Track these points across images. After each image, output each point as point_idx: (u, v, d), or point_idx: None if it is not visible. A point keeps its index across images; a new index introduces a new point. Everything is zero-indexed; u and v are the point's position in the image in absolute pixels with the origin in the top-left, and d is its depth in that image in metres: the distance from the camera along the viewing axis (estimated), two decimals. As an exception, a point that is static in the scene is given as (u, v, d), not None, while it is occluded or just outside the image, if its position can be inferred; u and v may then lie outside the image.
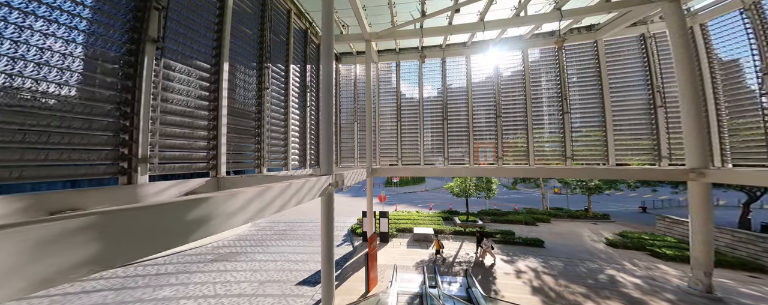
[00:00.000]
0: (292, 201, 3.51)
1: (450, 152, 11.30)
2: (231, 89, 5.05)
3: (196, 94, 4.18)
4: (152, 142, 3.30)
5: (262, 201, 2.79)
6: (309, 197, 4.09)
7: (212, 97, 4.56)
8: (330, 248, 5.15)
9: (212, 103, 4.56)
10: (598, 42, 9.86)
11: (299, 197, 3.71)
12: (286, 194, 3.31)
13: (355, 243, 12.76)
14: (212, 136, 4.54)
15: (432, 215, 16.28)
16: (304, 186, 3.87)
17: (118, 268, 8.90)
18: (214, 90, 4.63)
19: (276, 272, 9.33)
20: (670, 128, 9.12)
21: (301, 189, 3.78)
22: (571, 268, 9.09)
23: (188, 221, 1.69)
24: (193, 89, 4.11)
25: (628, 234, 12.15)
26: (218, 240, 12.77)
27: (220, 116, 4.65)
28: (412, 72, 12.31)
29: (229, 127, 4.97)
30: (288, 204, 3.40)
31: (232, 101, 5.16)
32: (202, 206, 1.78)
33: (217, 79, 4.67)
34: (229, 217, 2.03)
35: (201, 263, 9.80)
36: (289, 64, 7.63)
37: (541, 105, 10.72)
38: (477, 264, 9.36)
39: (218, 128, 4.61)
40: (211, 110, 4.55)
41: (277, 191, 2.95)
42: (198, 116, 4.23)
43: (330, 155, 5.36)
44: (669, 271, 8.48)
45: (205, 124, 4.40)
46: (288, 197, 3.37)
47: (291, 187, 3.46)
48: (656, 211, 19.02)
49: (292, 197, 3.48)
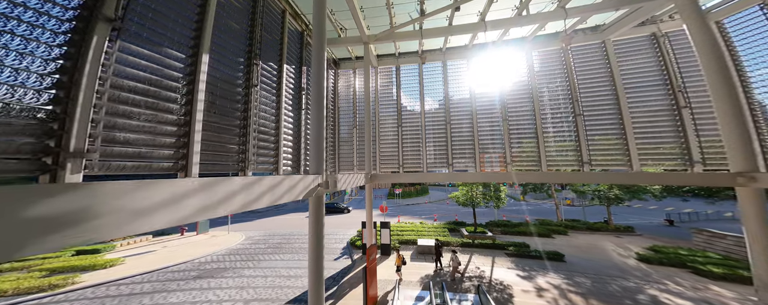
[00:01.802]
0: (265, 199, 2.85)
1: (454, 157, 10.59)
2: (211, 84, 4.60)
3: (165, 84, 3.69)
4: (93, 134, 2.76)
5: (213, 194, 2.16)
6: (290, 196, 3.43)
7: (186, 90, 4.07)
8: (318, 260, 4.39)
9: (185, 96, 4.05)
10: (606, 42, 9.40)
11: (276, 195, 3.06)
12: (254, 191, 2.66)
13: (354, 256, 11.77)
14: (183, 132, 3.97)
15: (437, 227, 15.18)
16: (283, 183, 3.24)
17: (87, 288, 8.18)
18: (189, 82, 4.16)
19: (265, 289, 8.43)
20: (699, 130, 8.31)
21: (279, 186, 3.14)
22: (601, 286, 7.89)
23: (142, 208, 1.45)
24: (161, 79, 3.64)
25: (661, 249, 10.80)
26: (207, 254, 11.94)
27: (195, 110, 4.12)
28: (412, 76, 11.99)
29: (206, 124, 4.42)
30: (259, 201, 2.75)
31: (212, 96, 4.68)
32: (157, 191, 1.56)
33: (194, 71, 4.20)
34: (190, 207, 1.81)
35: (182, 280, 8.95)
36: (282, 64, 7.30)
37: (550, 108, 10.07)
38: (451, 280, 8.35)
39: (191, 123, 4.05)
40: (184, 104, 4.02)
41: (237, 185, 2.32)
42: (164, 108, 3.69)
43: (320, 153, 4.77)
44: (723, 293, 7.21)
45: (174, 119, 3.84)
46: (258, 194, 2.73)
47: (263, 182, 2.83)
48: (683, 225, 17.36)
49: (265, 194, 2.85)
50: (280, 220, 21.41)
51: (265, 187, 2.85)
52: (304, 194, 3.91)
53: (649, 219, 19.31)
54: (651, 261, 9.74)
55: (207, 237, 15.23)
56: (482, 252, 11.47)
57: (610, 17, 8.86)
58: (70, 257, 10.75)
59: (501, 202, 13.91)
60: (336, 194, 36.52)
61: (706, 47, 6.78)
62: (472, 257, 10.95)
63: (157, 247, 12.90)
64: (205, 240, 14.68)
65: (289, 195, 3.38)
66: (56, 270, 9.14)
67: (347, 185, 6.56)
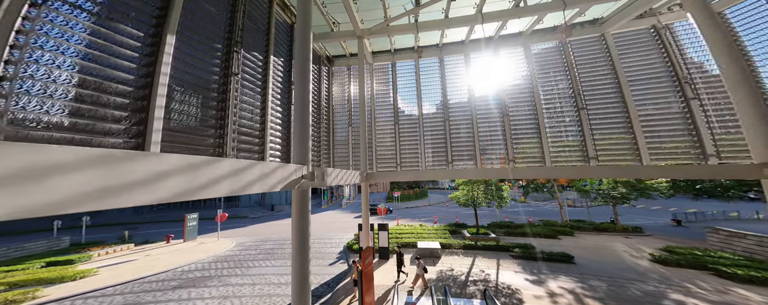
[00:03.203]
0: (223, 186, 2.20)
1: (454, 155, 10.17)
2: (176, 67, 4.19)
3: (113, 51, 3.24)
4: (0, 92, 2.22)
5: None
6: (262, 186, 2.83)
7: (144, 64, 3.64)
8: (303, 262, 3.79)
9: (143, 69, 3.61)
10: (605, 36, 9.25)
11: (240, 183, 2.46)
12: (204, 174, 2.03)
13: (350, 260, 11.03)
14: (140, 107, 3.49)
15: (437, 229, 14.49)
16: (251, 169, 2.62)
17: (49, 304, 7.33)
18: (149, 64, 3.76)
19: (251, 298, 7.67)
20: (710, 122, 8.02)
21: (245, 172, 2.54)
22: (619, 290, 7.24)
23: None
24: (110, 44, 3.20)
25: (676, 250, 10.19)
26: (191, 262, 11.08)
27: (157, 84, 3.67)
28: (409, 73, 11.71)
29: (174, 107, 4.02)
30: (216, 188, 2.14)
31: (179, 82, 4.26)
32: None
33: (156, 51, 3.84)
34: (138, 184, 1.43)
35: (160, 291, 8.12)
36: (269, 56, 6.95)
37: (552, 102, 9.82)
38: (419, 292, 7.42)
39: (151, 98, 3.59)
40: (143, 76, 3.58)
41: (172, 165, 1.73)
42: (115, 78, 3.26)
43: (305, 141, 4.25)
44: (753, 297, 6.59)
45: (130, 91, 3.39)
46: (209, 179, 2.10)
47: (221, 164, 2.23)
48: (690, 225, 16.80)
49: (223, 179, 2.24)
50: (274, 226, 20.54)
51: (225, 171, 2.23)
52: (283, 185, 3.32)
53: (654, 220, 18.75)
54: (668, 262, 9.12)
55: (195, 244, 14.36)
56: (486, 255, 10.80)
57: (609, 10, 8.72)
58: (38, 269, 9.83)
59: (503, 202, 13.31)
60: (333, 198, 35.64)
61: (716, 37, 6.60)
62: (475, 259, 10.27)
63: (138, 256, 12.00)
64: (191, 247, 13.81)
65: (261, 185, 2.77)
66: (19, 284, 8.25)
67: (339, 181, 5.99)
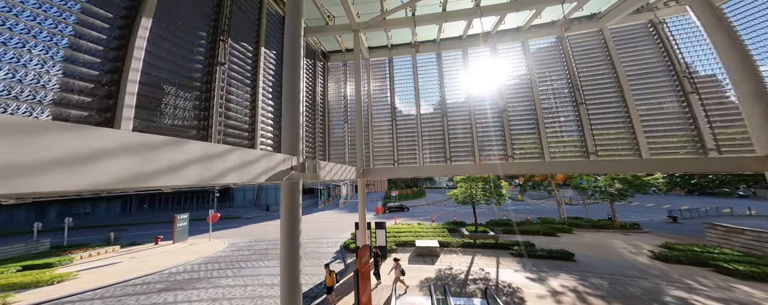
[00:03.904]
0: (190, 172, 1.84)
1: (452, 151, 9.99)
2: (153, 52, 3.97)
3: (82, 22, 2.96)
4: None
5: None
6: (243, 176, 2.50)
7: (113, 46, 3.40)
8: (292, 264, 3.49)
9: (112, 52, 3.39)
10: (603, 31, 9.20)
11: (214, 170, 2.10)
12: (164, 157, 1.68)
13: (347, 260, 10.74)
14: (109, 80, 3.20)
15: (436, 227, 14.26)
16: (229, 155, 2.26)
17: None
18: (120, 47, 3.52)
19: (242, 300, 7.30)
20: (709, 116, 8.04)
21: (221, 158, 2.20)
22: (621, 288, 7.09)
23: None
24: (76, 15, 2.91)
25: (675, 246, 10.13)
26: (180, 264, 10.59)
27: (130, 57, 3.42)
28: (406, 68, 11.53)
29: (151, 87, 3.76)
30: (180, 175, 1.80)
31: (156, 68, 3.97)
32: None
33: (129, 34, 3.62)
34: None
35: (144, 294, 7.67)
36: (260, 48, 6.70)
37: (551, 97, 9.74)
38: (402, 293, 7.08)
39: (123, 73, 3.32)
40: (114, 48, 3.32)
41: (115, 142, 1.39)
42: (83, 48, 3.00)
43: (296, 130, 3.96)
44: (756, 294, 6.49)
45: (99, 62, 3.16)
46: (172, 163, 1.76)
47: (189, 147, 1.88)
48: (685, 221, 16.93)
49: (189, 164, 1.89)
50: (269, 226, 20.05)
51: (193, 154, 1.87)
52: (269, 176, 3.00)
53: (649, 217, 18.86)
54: (668, 259, 9.03)
55: (185, 246, 13.85)
56: (485, 253, 10.61)
57: (606, 5, 8.70)
58: (13, 273, 9.22)
59: (502, 199, 13.15)
60: (330, 197, 35.19)
61: (717, 29, 6.62)
62: (474, 258, 10.05)
63: (123, 258, 11.44)
64: (181, 248, 13.30)
65: (240, 174, 2.43)
66: (-8, 290, 7.69)
67: (334, 175, 5.69)
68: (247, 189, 34.37)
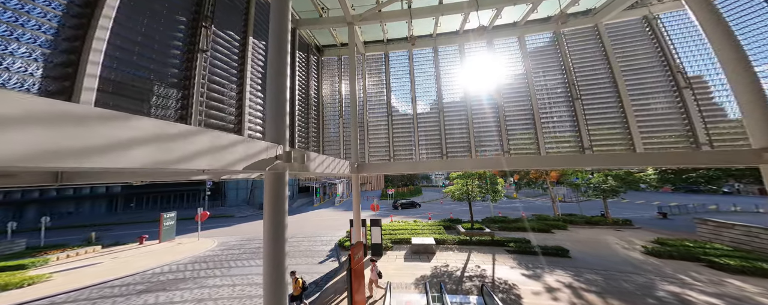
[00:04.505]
0: (140, 153, 1.54)
1: (448, 147, 9.86)
2: (121, 34, 3.71)
3: None
4: None
5: None
6: (216, 162, 2.21)
7: (74, 26, 3.08)
8: (277, 259, 3.22)
9: (69, 30, 3.01)
10: (598, 26, 9.23)
11: (175, 153, 1.77)
12: (111, 133, 1.41)
13: (342, 258, 10.51)
14: (70, 48, 2.89)
15: (432, 225, 14.14)
16: (196, 137, 1.93)
17: None
18: (81, 25, 3.16)
19: (230, 300, 6.98)
20: (702, 111, 8.10)
21: (191, 139, 1.91)
22: (615, 284, 7.06)
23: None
24: None
25: (667, 242, 10.23)
26: (164, 264, 10.11)
27: (92, 26, 3.08)
28: (402, 63, 11.34)
29: (116, 70, 3.43)
30: (128, 155, 1.50)
31: (124, 51, 3.70)
32: None
33: (91, 13, 3.36)
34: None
35: (121, 296, 7.22)
36: (247, 37, 6.45)
37: (547, 93, 9.71)
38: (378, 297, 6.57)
39: (84, 42, 2.99)
40: (73, 26, 2.95)
41: None
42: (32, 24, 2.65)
43: (281, 116, 3.66)
44: (747, 288, 6.53)
45: (53, 28, 2.94)
46: (129, 139, 1.46)
47: (141, 122, 1.57)
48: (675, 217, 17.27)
49: (140, 145, 1.59)
50: (262, 225, 19.57)
51: (143, 133, 1.56)
52: (249, 164, 2.69)
53: (640, 213, 19.20)
54: (661, 254, 9.09)
55: (171, 245, 13.33)
56: (481, 250, 10.52)
57: (601, 0, 8.71)
58: (-16, 274, 8.65)
59: (498, 195, 13.09)
60: (325, 196, 34.78)
61: (712, 22, 6.64)
62: (470, 255, 9.95)
63: (104, 259, 10.89)
64: (167, 248, 12.79)
65: (211, 159, 2.10)
66: (-43, 292, 7.14)
67: (325, 169, 5.41)
68: (240, 188, 33.64)
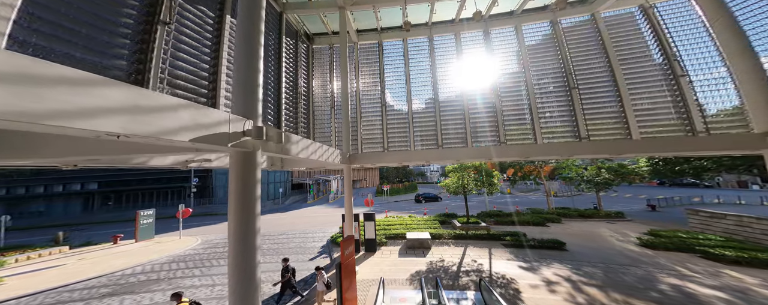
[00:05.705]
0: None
1: (444, 137, 9.50)
2: None
3: None
4: None
5: None
6: (146, 126, 1.63)
7: None
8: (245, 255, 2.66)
9: None
10: (595, 15, 9.10)
11: (78, 105, 1.24)
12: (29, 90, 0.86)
13: (333, 254, 10.02)
14: None
15: (427, 220, 13.80)
16: (106, 90, 1.37)
17: None
18: None
19: (207, 301, 6.36)
20: (699, 99, 8.02)
21: (95, 89, 1.33)
22: (615, 276, 6.86)
23: None
24: None
25: (660, 233, 10.21)
26: (137, 264, 9.29)
27: None
28: (396, 52, 10.91)
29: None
30: None
31: None
32: None
33: None
34: None
35: (81, 301, 6.44)
36: (224, 16, 5.77)
37: (544, 82, 9.48)
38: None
39: None
40: None
41: None
42: None
43: (252, 87, 3.06)
44: (745, 279, 6.43)
45: None
46: None
47: (55, 69, 0.98)
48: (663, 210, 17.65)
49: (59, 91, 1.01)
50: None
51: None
52: (199, 137, 2.06)
53: (629, 206, 19.56)
54: (656, 246, 9.03)
55: (148, 244, 12.43)
56: (477, 244, 10.25)
57: None
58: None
59: (494, 188, 12.85)
60: (319, 193, 34.01)
61: (713, 6, 6.32)
62: (466, 249, 9.64)
63: (70, 260, 9.94)
64: (144, 247, 11.90)
65: (130, 122, 1.52)
66: None
67: (310, 154, 4.84)
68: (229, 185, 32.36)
